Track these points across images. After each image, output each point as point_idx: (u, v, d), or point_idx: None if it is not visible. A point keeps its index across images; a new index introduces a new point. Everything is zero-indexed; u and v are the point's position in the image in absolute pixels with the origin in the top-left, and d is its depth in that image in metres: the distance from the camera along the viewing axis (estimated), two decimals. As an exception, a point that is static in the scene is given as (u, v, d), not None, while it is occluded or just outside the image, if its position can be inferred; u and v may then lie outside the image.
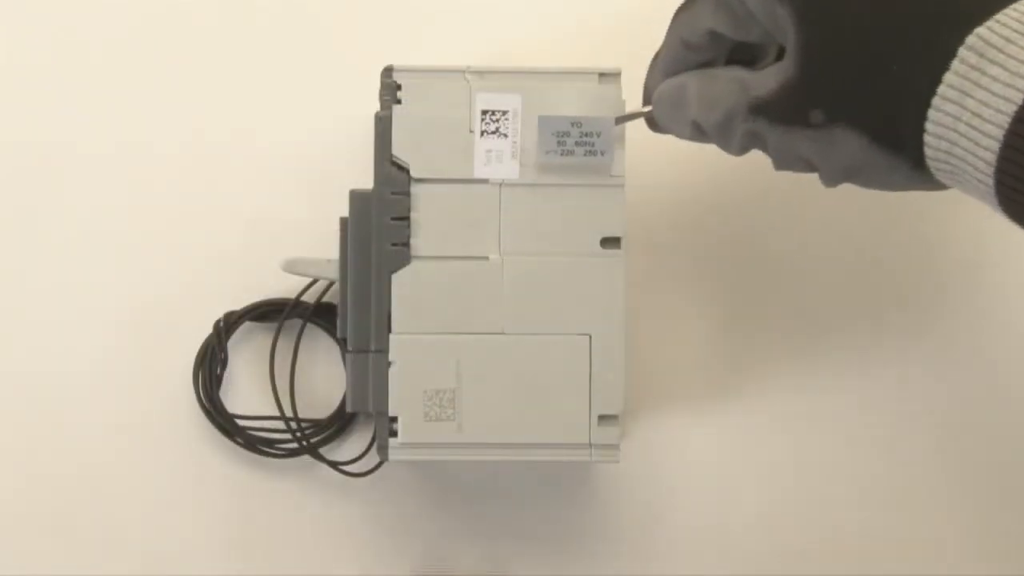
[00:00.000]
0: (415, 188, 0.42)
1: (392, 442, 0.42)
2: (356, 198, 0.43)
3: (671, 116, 0.40)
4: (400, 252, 0.42)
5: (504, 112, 0.42)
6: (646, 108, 0.41)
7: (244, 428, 0.47)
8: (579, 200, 0.42)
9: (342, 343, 0.47)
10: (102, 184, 0.49)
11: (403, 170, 0.42)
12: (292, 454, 0.47)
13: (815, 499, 0.49)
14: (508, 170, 0.42)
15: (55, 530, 0.48)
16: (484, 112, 0.42)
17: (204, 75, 0.50)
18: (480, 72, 0.42)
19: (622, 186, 0.42)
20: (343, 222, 0.44)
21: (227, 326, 0.48)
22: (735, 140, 0.38)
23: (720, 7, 0.37)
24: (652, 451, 0.49)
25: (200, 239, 0.49)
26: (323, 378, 0.49)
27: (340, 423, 0.48)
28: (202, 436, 0.48)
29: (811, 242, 0.50)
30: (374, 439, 0.45)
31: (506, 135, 0.42)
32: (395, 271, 0.42)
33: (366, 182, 0.42)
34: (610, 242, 0.42)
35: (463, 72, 0.42)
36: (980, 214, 0.35)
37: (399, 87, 0.42)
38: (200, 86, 0.50)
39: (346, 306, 0.43)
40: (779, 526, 0.48)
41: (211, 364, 0.48)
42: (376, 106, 0.43)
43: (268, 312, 0.48)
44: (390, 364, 0.42)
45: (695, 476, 0.49)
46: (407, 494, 0.48)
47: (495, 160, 0.42)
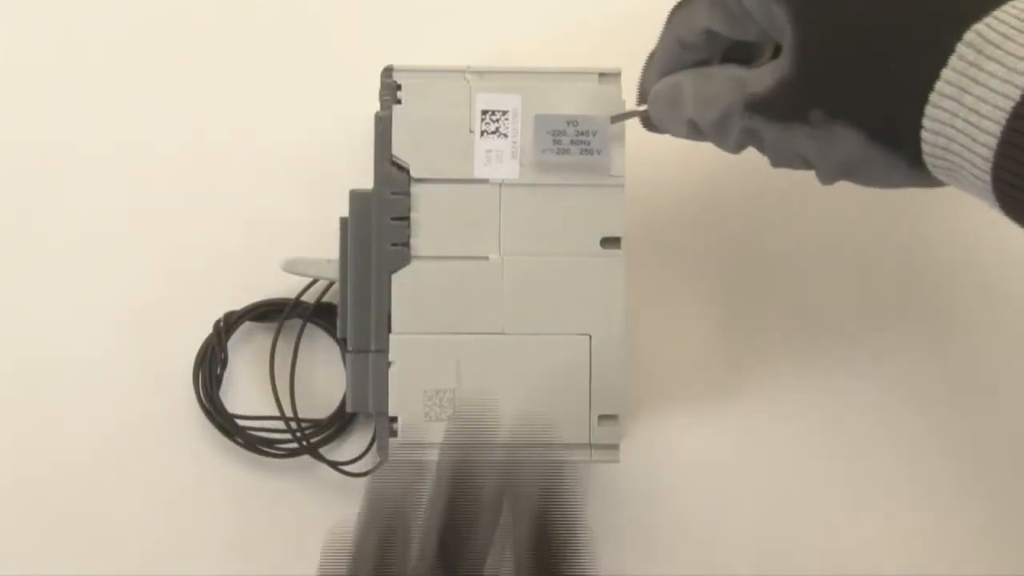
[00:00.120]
0: (415, 188, 0.42)
1: (392, 442, 0.42)
2: (356, 198, 0.43)
3: (667, 115, 0.40)
4: (400, 252, 0.42)
5: (504, 112, 0.42)
6: (641, 107, 0.41)
7: (244, 428, 0.47)
8: (579, 200, 0.42)
9: (342, 343, 0.47)
10: (102, 184, 0.49)
11: (403, 170, 0.42)
12: (292, 454, 0.47)
13: (815, 499, 0.49)
14: (508, 170, 0.42)
15: (55, 530, 0.48)
16: (484, 112, 0.42)
17: (204, 75, 0.50)
18: (480, 72, 0.42)
19: (622, 186, 0.42)
20: (343, 222, 0.44)
21: (227, 326, 0.48)
22: (731, 138, 0.38)
23: (716, 6, 0.37)
24: (652, 451, 0.49)
25: (200, 239, 0.49)
26: (323, 378, 0.49)
27: (340, 423, 0.48)
28: (202, 436, 0.48)
29: (811, 242, 0.50)
30: (374, 439, 0.45)
31: (506, 135, 0.42)
32: (395, 271, 0.42)
33: (366, 182, 0.42)
34: (610, 242, 0.42)
35: (463, 72, 0.42)
36: (980, 212, 0.35)
37: (399, 87, 0.42)
38: (200, 86, 0.50)
39: (346, 306, 0.43)
40: (779, 526, 0.48)
41: (211, 364, 0.48)
42: (376, 106, 0.43)
43: (268, 312, 0.48)
44: (390, 364, 0.42)
45: (695, 476, 0.49)
46: (407, 494, 0.48)
47: (495, 160, 0.42)
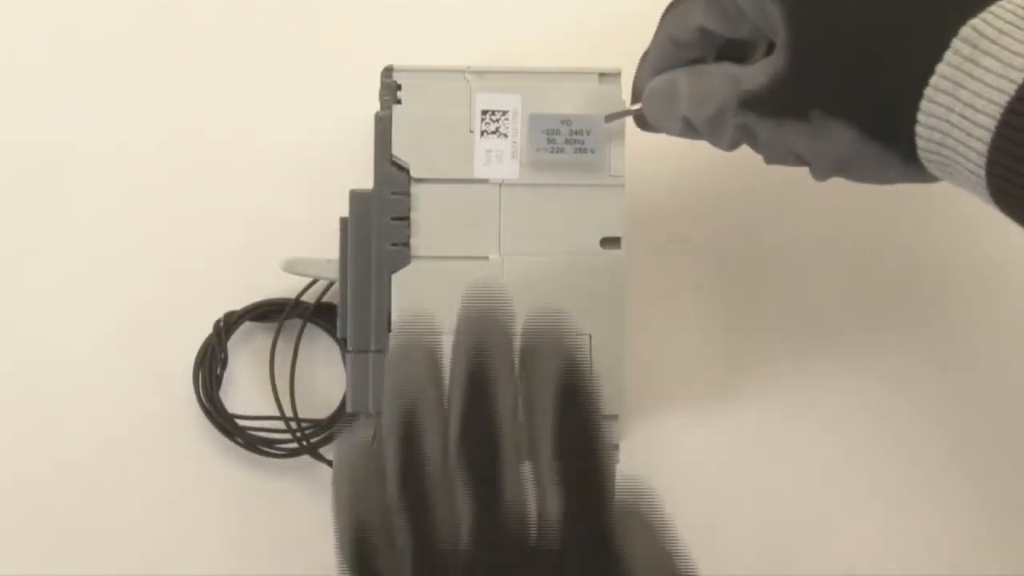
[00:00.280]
0: (415, 188, 0.42)
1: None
2: (356, 198, 0.43)
3: (661, 112, 0.40)
4: (400, 252, 0.42)
5: (504, 112, 0.42)
6: (636, 106, 0.41)
7: (244, 428, 0.47)
8: (579, 200, 0.42)
9: (342, 343, 0.47)
10: (102, 184, 0.49)
11: (403, 170, 0.42)
12: (292, 454, 0.47)
13: (815, 499, 0.49)
14: (508, 170, 0.42)
15: (55, 530, 0.48)
16: (484, 112, 0.42)
17: (204, 75, 0.50)
18: (480, 72, 0.42)
19: (622, 186, 0.42)
20: (343, 222, 0.44)
21: (227, 326, 0.48)
22: (726, 135, 0.38)
23: (710, 4, 0.38)
24: (652, 451, 0.49)
25: (200, 239, 0.49)
26: (323, 378, 0.49)
27: (340, 423, 0.48)
28: (202, 436, 0.48)
29: (811, 241, 0.50)
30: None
31: (506, 135, 0.42)
32: (395, 271, 0.42)
33: (366, 182, 0.42)
34: (610, 242, 0.42)
35: (463, 72, 0.42)
36: (980, 211, 0.35)
37: (399, 87, 0.42)
38: (200, 86, 0.50)
39: (346, 306, 0.43)
40: (779, 526, 0.48)
41: (211, 364, 0.48)
42: (376, 106, 0.43)
43: (268, 312, 0.48)
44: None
45: (695, 476, 0.49)
46: (407, 494, 0.48)
47: (495, 160, 0.42)
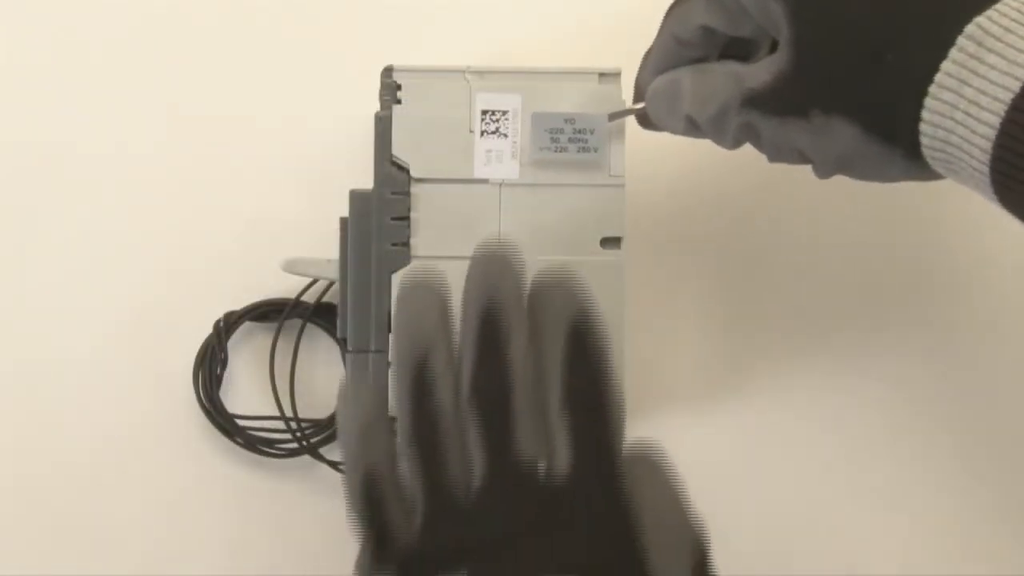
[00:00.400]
0: (415, 188, 0.42)
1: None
2: (356, 198, 0.43)
3: (665, 111, 0.40)
4: (400, 252, 0.42)
5: (504, 112, 0.42)
6: (639, 105, 0.41)
7: (244, 428, 0.47)
8: (579, 200, 0.42)
9: (342, 343, 0.47)
10: (102, 184, 0.49)
11: (403, 170, 0.42)
12: (292, 454, 0.47)
13: (815, 499, 0.49)
14: (508, 170, 0.42)
15: (55, 530, 0.48)
16: (484, 112, 0.42)
17: (204, 75, 0.50)
18: (480, 72, 0.42)
19: (622, 186, 0.42)
20: (343, 222, 0.44)
21: (227, 326, 0.48)
22: (729, 134, 0.38)
23: (712, 3, 0.38)
24: (652, 451, 0.49)
25: (200, 239, 0.49)
26: (323, 378, 0.49)
27: (340, 423, 0.48)
28: (202, 436, 0.48)
29: (811, 242, 0.50)
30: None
31: (506, 135, 0.42)
32: (395, 271, 0.42)
33: (366, 182, 0.42)
34: (610, 242, 0.42)
35: (463, 72, 0.42)
36: (981, 209, 0.35)
37: (399, 87, 0.42)
38: (200, 86, 0.50)
39: (346, 306, 0.43)
40: (779, 526, 0.48)
41: (211, 364, 0.48)
42: (376, 106, 0.43)
43: (268, 312, 0.48)
44: (390, 364, 0.42)
45: (695, 476, 0.48)
46: (407, 494, 0.48)
47: (495, 160, 0.42)
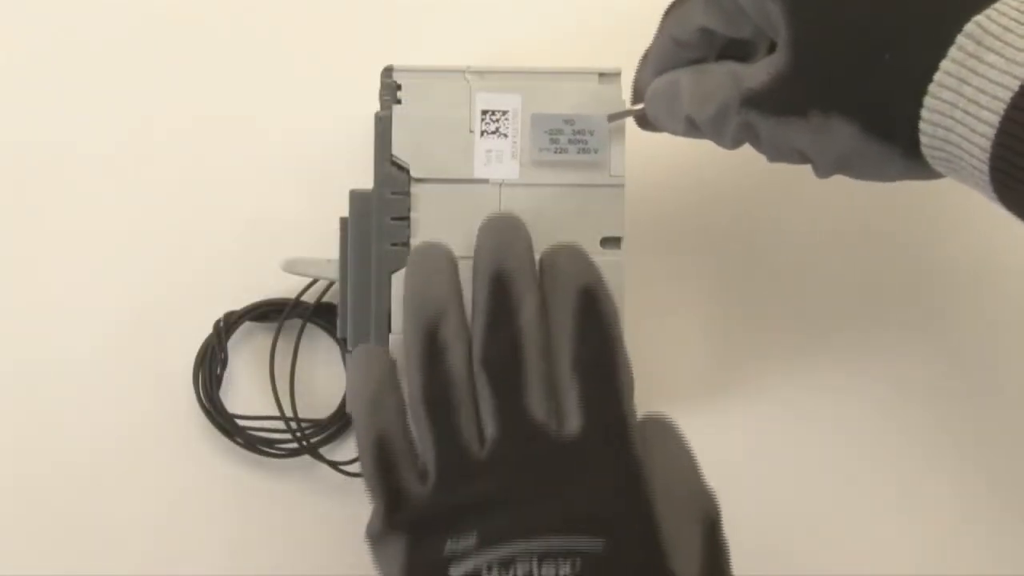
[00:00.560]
0: (415, 188, 0.42)
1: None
2: (356, 198, 0.43)
3: (664, 112, 0.40)
4: (400, 252, 0.42)
5: (504, 112, 0.42)
6: (638, 106, 0.41)
7: (244, 428, 0.47)
8: (579, 200, 0.42)
9: (342, 343, 0.47)
10: (102, 184, 0.49)
11: (403, 170, 0.42)
12: (292, 454, 0.47)
13: (815, 499, 0.49)
14: (508, 170, 0.42)
15: (55, 530, 0.48)
16: (484, 112, 0.42)
17: (204, 75, 0.50)
18: (480, 72, 0.42)
19: (622, 186, 0.42)
20: (343, 222, 0.44)
21: (227, 326, 0.48)
22: (728, 134, 0.38)
23: (711, 4, 0.38)
24: (652, 451, 0.49)
25: (200, 239, 0.49)
26: (323, 378, 0.49)
27: (340, 423, 0.48)
28: (202, 436, 0.48)
29: (811, 241, 0.50)
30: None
31: (506, 135, 0.42)
32: (395, 271, 0.42)
33: (366, 182, 0.42)
34: (610, 242, 0.42)
35: (463, 72, 0.42)
36: (982, 209, 0.35)
37: (399, 87, 0.42)
38: (200, 86, 0.50)
39: (346, 306, 0.43)
40: (779, 526, 0.48)
41: (211, 364, 0.48)
42: (376, 106, 0.43)
43: (268, 312, 0.48)
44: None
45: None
46: (407, 494, 0.48)
47: (495, 160, 0.42)
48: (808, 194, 0.48)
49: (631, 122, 0.42)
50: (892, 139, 0.34)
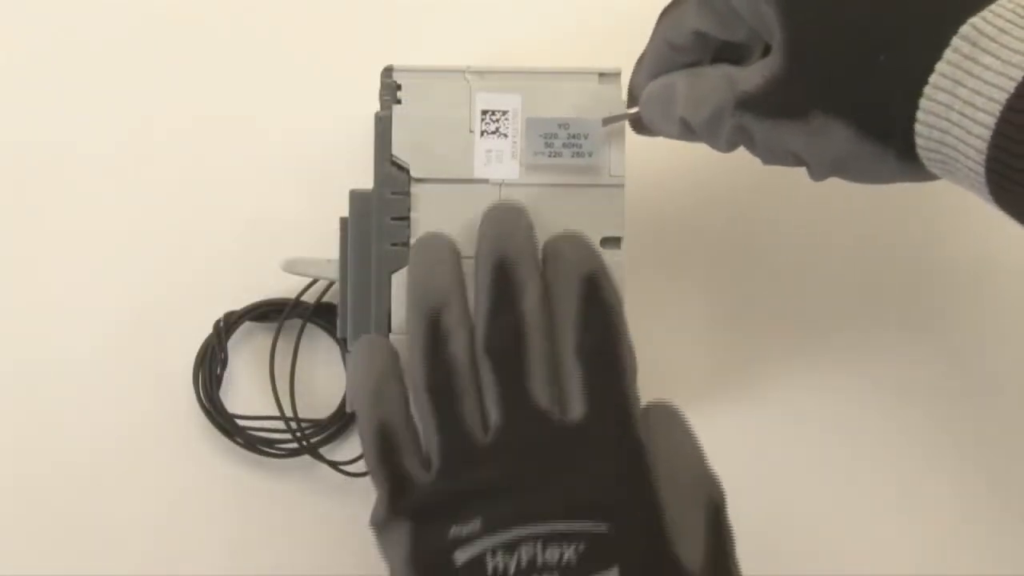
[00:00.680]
0: (415, 188, 0.42)
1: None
2: (356, 198, 0.43)
3: (659, 115, 0.40)
4: (400, 252, 0.42)
5: (504, 112, 0.42)
6: (633, 109, 0.41)
7: (244, 428, 0.47)
8: (579, 200, 0.42)
9: (342, 343, 0.47)
10: (102, 184, 0.49)
11: (403, 170, 0.42)
12: (292, 454, 0.47)
13: (815, 499, 0.49)
14: (508, 170, 0.42)
15: (55, 530, 0.48)
16: (484, 112, 0.42)
17: (204, 75, 0.50)
18: (480, 72, 0.42)
19: (622, 186, 0.42)
20: (343, 222, 0.44)
21: (227, 326, 0.48)
22: (723, 137, 0.38)
23: (704, 7, 0.38)
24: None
25: (200, 239, 0.49)
26: (323, 378, 0.49)
27: (340, 423, 0.48)
28: (202, 436, 0.48)
29: (812, 242, 0.50)
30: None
31: (506, 135, 0.42)
32: (395, 271, 0.42)
33: (366, 182, 0.42)
34: (610, 242, 0.42)
35: (463, 72, 0.42)
36: (981, 210, 0.35)
37: (399, 87, 0.42)
38: (200, 86, 0.50)
39: (346, 306, 0.43)
40: (779, 526, 0.48)
41: (211, 364, 0.48)
42: (376, 106, 0.43)
43: (268, 312, 0.48)
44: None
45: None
46: (407, 494, 0.48)
47: (495, 160, 0.42)
48: (808, 194, 0.48)
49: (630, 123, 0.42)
50: (887, 141, 0.34)
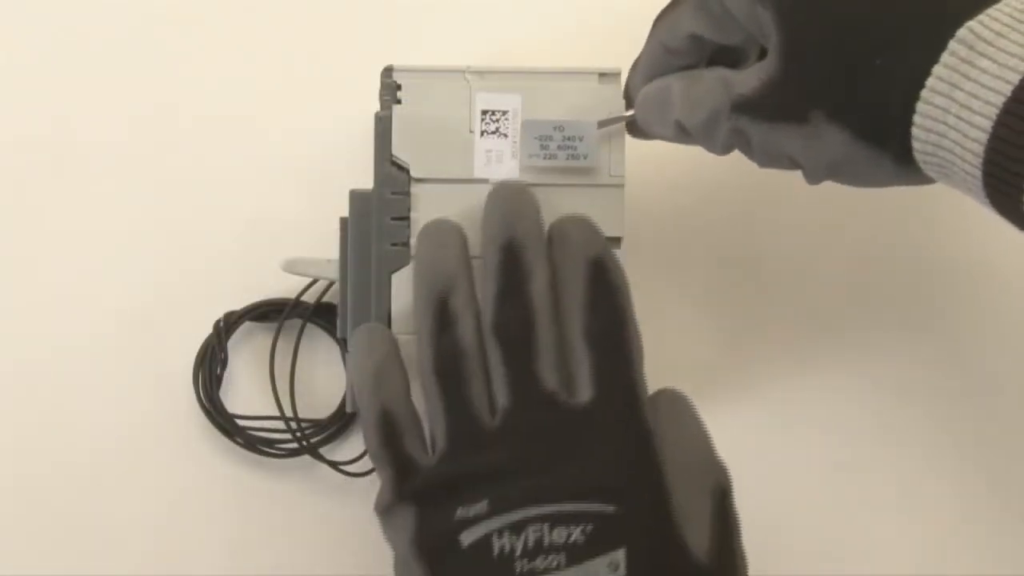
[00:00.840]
0: (415, 188, 0.42)
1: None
2: (356, 198, 0.43)
3: (655, 117, 0.40)
4: (400, 252, 0.42)
5: (504, 112, 0.42)
6: (629, 112, 0.41)
7: (244, 428, 0.47)
8: (579, 200, 0.42)
9: (342, 343, 0.47)
10: (102, 184, 0.49)
11: (403, 170, 0.42)
12: (292, 454, 0.47)
13: (815, 499, 0.49)
14: (508, 170, 0.42)
15: (55, 530, 0.48)
16: (484, 112, 0.42)
17: (203, 75, 0.50)
18: (480, 72, 0.42)
19: (622, 186, 0.42)
20: (343, 222, 0.44)
21: (227, 326, 0.48)
22: (719, 139, 0.38)
23: (700, 10, 0.38)
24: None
25: (200, 239, 0.49)
26: (323, 378, 0.49)
27: (340, 423, 0.48)
28: (202, 436, 0.48)
29: (812, 242, 0.50)
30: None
31: (506, 135, 0.42)
32: (395, 271, 0.42)
33: (366, 182, 0.42)
34: (610, 242, 0.42)
35: (463, 72, 0.42)
36: (980, 210, 0.35)
37: (399, 87, 0.42)
38: (200, 86, 0.50)
39: (346, 306, 0.43)
40: (779, 526, 0.48)
41: (211, 364, 0.48)
42: (376, 106, 0.43)
43: (268, 312, 0.48)
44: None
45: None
46: (407, 494, 0.48)
47: (495, 160, 0.42)
48: (808, 194, 0.48)
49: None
50: (884, 144, 0.34)
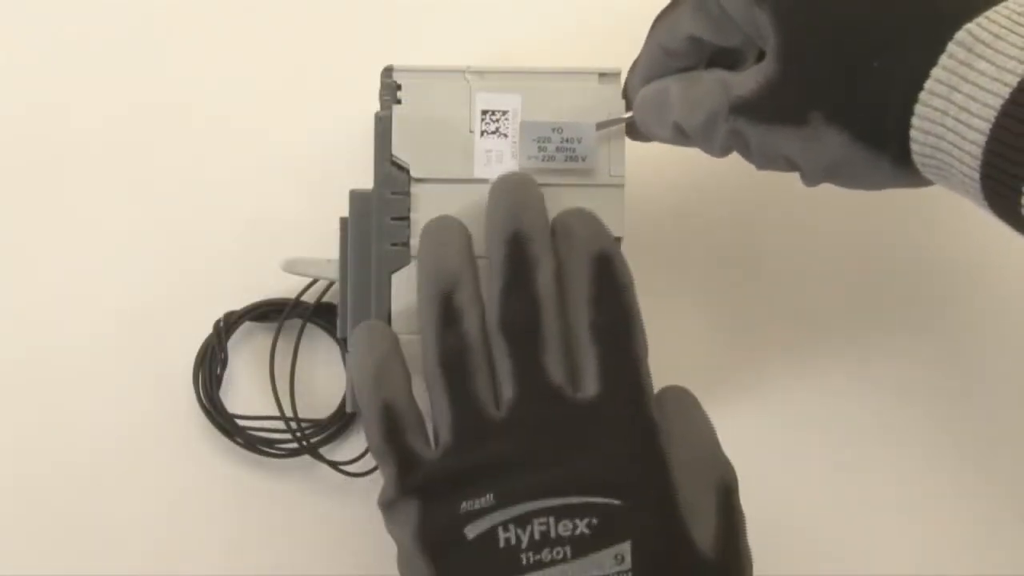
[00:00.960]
0: (415, 188, 0.42)
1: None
2: (356, 198, 0.43)
3: (653, 119, 0.40)
4: (400, 252, 0.42)
5: (504, 112, 0.42)
6: (627, 114, 0.41)
7: (244, 428, 0.47)
8: (579, 200, 0.42)
9: (342, 343, 0.47)
10: (102, 184, 0.49)
11: (403, 170, 0.42)
12: (292, 454, 0.47)
13: (815, 499, 0.49)
14: (508, 170, 0.42)
15: (55, 530, 0.48)
16: (484, 112, 0.42)
17: (204, 75, 0.50)
18: (480, 72, 0.42)
19: (622, 186, 0.42)
20: (343, 222, 0.44)
21: (227, 326, 0.48)
22: (717, 141, 0.38)
23: (699, 12, 0.38)
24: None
25: (200, 239, 0.49)
26: (323, 378, 0.49)
27: (340, 423, 0.48)
28: (202, 436, 0.48)
29: (812, 242, 0.50)
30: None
31: (506, 135, 0.42)
32: (395, 271, 0.42)
33: (366, 182, 0.42)
34: (610, 242, 0.42)
35: (463, 72, 0.42)
36: (980, 211, 0.35)
37: (399, 87, 0.42)
38: (200, 86, 0.50)
39: (346, 306, 0.43)
40: (779, 526, 0.48)
41: (211, 364, 0.48)
42: (376, 106, 0.43)
43: (268, 312, 0.48)
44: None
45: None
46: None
47: (495, 160, 0.42)
48: (808, 194, 0.48)
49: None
50: (882, 146, 0.34)
